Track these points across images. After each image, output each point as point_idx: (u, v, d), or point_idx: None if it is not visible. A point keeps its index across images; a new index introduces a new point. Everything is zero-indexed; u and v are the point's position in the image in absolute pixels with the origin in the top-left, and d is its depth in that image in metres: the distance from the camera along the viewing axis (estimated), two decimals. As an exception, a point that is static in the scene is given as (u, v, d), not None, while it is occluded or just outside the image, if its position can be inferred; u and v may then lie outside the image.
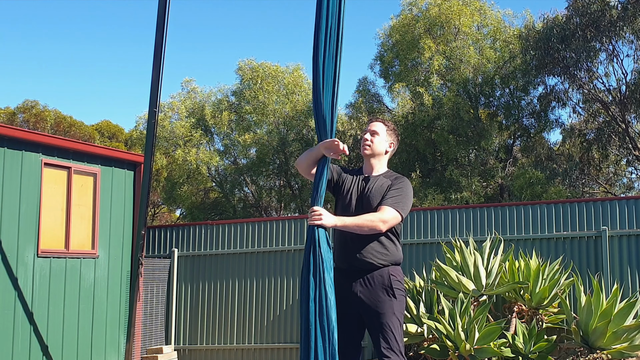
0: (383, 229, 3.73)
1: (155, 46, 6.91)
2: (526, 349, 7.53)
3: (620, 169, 21.01)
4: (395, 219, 3.76)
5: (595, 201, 8.97)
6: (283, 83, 21.29)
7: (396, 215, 3.76)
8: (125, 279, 9.39)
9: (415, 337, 7.92)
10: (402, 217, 3.80)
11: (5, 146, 7.95)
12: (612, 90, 17.43)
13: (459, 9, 18.72)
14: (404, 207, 3.81)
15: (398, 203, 3.79)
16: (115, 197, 9.38)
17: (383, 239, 3.80)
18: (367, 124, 4.08)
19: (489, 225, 9.07)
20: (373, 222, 3.70)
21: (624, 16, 15.93)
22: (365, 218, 3.72)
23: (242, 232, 10.20)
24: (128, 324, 8.07)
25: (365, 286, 3.77)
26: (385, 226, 3.73)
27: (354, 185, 3.93)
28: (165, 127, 20.95)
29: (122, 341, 9.21)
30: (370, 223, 3.70)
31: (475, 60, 18.61)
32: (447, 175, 18.05)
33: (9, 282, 7.87)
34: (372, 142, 3.97)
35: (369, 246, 3.77)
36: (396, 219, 3.77)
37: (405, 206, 3.82)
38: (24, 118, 28.65)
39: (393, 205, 3.77)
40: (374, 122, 4.04)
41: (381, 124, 4.04)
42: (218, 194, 23.13)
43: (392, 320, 3.72)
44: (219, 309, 10.15)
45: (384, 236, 3.79)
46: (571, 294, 8.42)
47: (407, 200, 3.85)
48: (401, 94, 18.62)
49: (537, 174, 16.97)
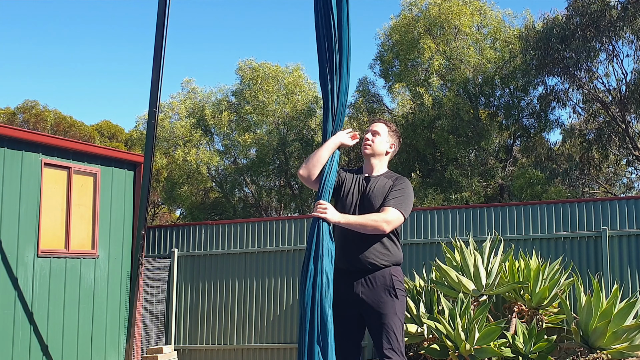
0: (387, 229, 3.74)
1: (155, 46, 6.91)
2: (526, 349, 7.53)
3: (620, 169, 21.02)
4: (399, 220, 3.78)
5: (595, 201, 8.97)
6: (283, 83, 21.30)
7: (399, 216, 3.77)
8: (125, 279, 9.39)
9: (415, 337, 7.92)
10: (404, 218, 3.81)
11: (5, 146, 7.95)
12: (612, 90, 17.43)
13: (459, 9, 18.72)
14: (406, 207, 3.82)
15: (401, 204, 3.80)
16: (115, 197, 9.38)
17: (384, 239, 3.80)
18: (369, 124, 4.10)
19: (489, 225, 9.07)
20: (377, 223, 3.71)
21: (624, 16, 15.93)
22: (370, 218, 3.73)
23: (242, 232, 10.20)
24: (128, 324, 8.07)
25: (367, 287, 3.77)
26: (389, 227, 3.74)
27: (354, 185, 3.93)
28: (165, 127, 20.95)
29: (122, 341, 9.21)
30: (374, 223, 3.71)
31: (475, 60, 18.61)
32: (447, 175, 18.05)
33: (9, 282, 7.87)
34: (373, 142, 3.97)
35: (371, 247, 3.77)
36: (399, 220, 3.78)
37: (408, 207, 3.84)
38: (24, 118, 28.65)
39: (396, 206, 3.78)
40: (376, 123, 4.06)
41: (383, 124, 4.05)
42: (218, 194, 23.13)
43: (393, 320, 3.73)
44: (219, 309, 10.15)
45: (385, 237, 3.80)
46: (571, 294, 8.42)
47: (409, 201, 3.87)
48: (401, 94, 18.62)
49: (537, 174, 16.98)
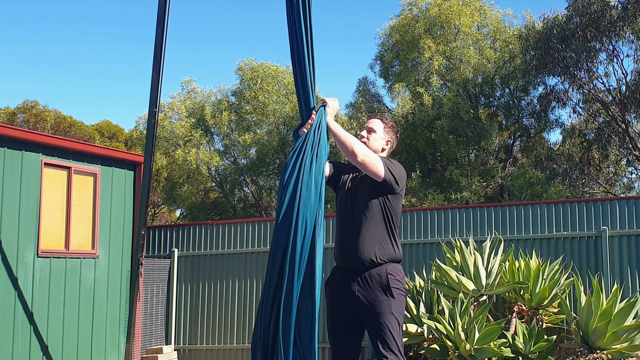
0: (359, 158, 3.64)
1: (155, 46, 6.90)
2: (526, 349, 7.53)
3: (620, 169, 21.00)
4: (375, 165, 3.68)
5: (595, 201, 8.97)
6: (283, 83, 21.30)
7: (379, 163, 3.70)
8: (125, 279, 9.39)
9: (415, 337, 7.93)
10: (382, 172, 3.71)
11: (5, 146, 7.95)
12: (612, 90, 17.43)
13: (459, 9, 18.72)
14: (391, 167, 3.77)
15: (386, 161, 3.78)
16: (115, 197, 9.38)
17: (383, 235, 3.77)
18: (367, 119, 4.06)
19: (489, 225, 9.07)
20: (355, 146, 3.66)
21: (624, 16, 15.93)
22: (353, 139, 3.70)
23: (242, 232, 10.20)
24: (128, 324, 8.07)
25: (362, 285, 3.74)
26: (363, 159, 3.64)
27: (349, 181, 3.93)
28: (165, 127, 20.95)
29: (122, 341, 9.21)
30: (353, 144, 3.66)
31: (475, 60, 18.60)
32: (447, 175, 18.05)
33: (9, 282, 7.87)
34: (368, 140, 3.94)
35: (367, 242, 3.74)
36: (376, 166, 3.68)
37: (392, 168, 3.77)
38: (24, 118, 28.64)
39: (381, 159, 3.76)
40: (372, 119, 4.02)
41: (379, 121, 4.01)
42: (218, 194, 23.13)
43: (390, 319, 3.68)
44: (219, 309, 10.15)
45: (380, 233, 3.76)
46: (571, 294, 8.42)
47: (396, 166, 3.81)
48: (401, 94, 18.62)
49: (537, 174, 16.98)
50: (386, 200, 3.79)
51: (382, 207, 3.79)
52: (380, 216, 3.78)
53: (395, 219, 3.83)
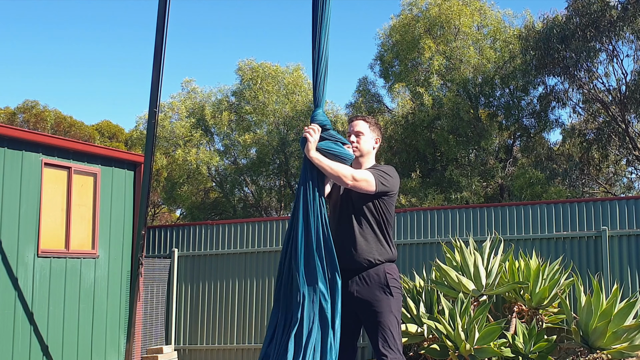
0: (349, 183, 3.72)
1: (155, 46, 6.90)
2: (526, 349, 7.53)
3: (620, 169, 21.01)
4: (366, 182, 3.74)
5: (595, 201, 8.97)
6: (283, 83, 21.30)
7: (369, 178, 3.75)
8: (125, 279, 9.39)
9: (415, 337, 7.93)
10: (374, 186, 3.77)
11: (6, 146, 7.95)
12: (612, 90, 17.43)
13: (459, 9, 18.72)
14: (382, 179, 3.80)
15: (376, 173, 3.81)
16: (115, 197, 9.38)
17: (377, 236, 3.82)
18: (349, 124, 4.07)
19: (489, 225, 9.07)
20: (341, 173, 3.71)
21: (624, 16, 15.93)
22: (339, 165, 3.74)
23: (242, 232, 10.20)
24: (128, 324, 8.07)
25: (361, 285, 3.78)
26: (353, 183, 3.72)
27: None
28: (165, 127, 20.95)
29: (122, 341, 9.21)
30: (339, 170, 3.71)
31: (475, 60, 18.60)
32: (447, 175, 18.05)
33: (9, 282, 7.88)
34: (359, 144, 3.97)
35: (364, 243, 3.79)
36: (367, 182, 3.75)
37: (384, 180, 3.81)
38: (24, 118, 28.64)
39: (370, 172, 3.80)
40: (355, 122, 4.03)
41: (362, 121, 4.03)
42: (218, 194, 23.14)
43: (389, 318, 3.72)
44: (219, 309, 10.15)
45: (376, 233, 3.81)
46: (571, 294, 8.42)
47: (387, 177, 3.84)
48: (401, 94, 18.62)
49: (537, 174, 16.97)
50: (380, 202, 3.84)
51: (377, 209, 3.84)
52: (375, 217, 3.83)
53: (390, 219, 3.89)
